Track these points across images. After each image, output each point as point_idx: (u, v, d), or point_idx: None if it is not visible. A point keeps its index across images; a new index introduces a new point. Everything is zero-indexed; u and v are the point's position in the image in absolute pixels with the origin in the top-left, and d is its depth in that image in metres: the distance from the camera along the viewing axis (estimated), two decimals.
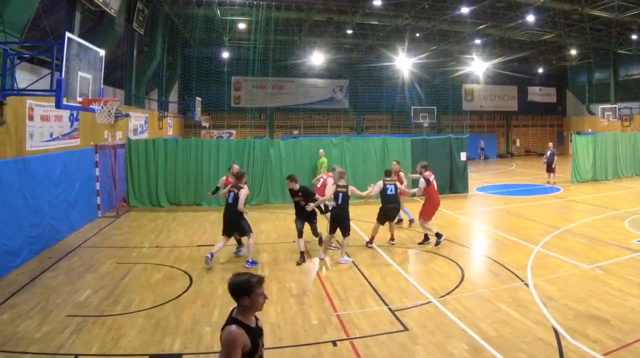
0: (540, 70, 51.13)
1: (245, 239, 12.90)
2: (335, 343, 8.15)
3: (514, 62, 46.11)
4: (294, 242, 14.84)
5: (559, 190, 25.74)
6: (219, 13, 32.08)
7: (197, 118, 36.24)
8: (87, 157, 17.71)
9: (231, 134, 44.26)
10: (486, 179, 31.75)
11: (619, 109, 41.34)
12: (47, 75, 12.32)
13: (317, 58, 41.54)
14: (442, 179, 23.76)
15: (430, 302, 9.92)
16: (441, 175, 23.76)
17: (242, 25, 36.88)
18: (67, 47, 10.57)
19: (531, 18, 32.16)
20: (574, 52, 43.93)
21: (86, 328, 8.63)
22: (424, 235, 14.72)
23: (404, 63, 39.91)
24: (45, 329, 8.54)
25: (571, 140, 29.44)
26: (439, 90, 48.30)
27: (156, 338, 8.30)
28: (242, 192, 12.52)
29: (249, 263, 12.46)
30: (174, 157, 21.27)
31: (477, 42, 38.84)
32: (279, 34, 37.14)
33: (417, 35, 39.48)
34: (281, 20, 34.58)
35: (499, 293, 10.33)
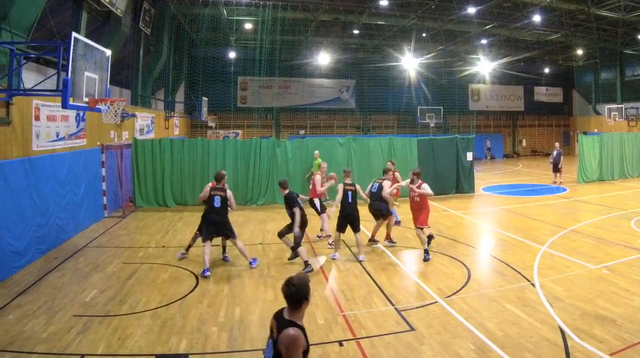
0: (546, 70, 51.10)
1: (233, 241, 12.67)
2: (341, 343, 8.16)
3: (520, 62, 45.97)
4: None
5: (565, 190, 25.65)
6: (226, 13, 32.09)
7: (203, 118, 36.23)
8: (93, 157, 17.73)
9: (237, 134, 44.26)
10: (492, 179, 31.68)
11: (626, 109, 41.11)
12: (53, 75, 12.31)
13: (324, 58, 41.50)
14: (448, 179, 23.88)
15: (436, 301, 9.90)
16: (447, 175, 23.93)
17: (248, 25, 36.88)
18: (73, 47, 10.56)
19: (537, 18, 32.07)
20: (580, 52, 43.78)
21: (92, 328, 8.65)
22: (428, 238, 13.65)
23: (410, 63, 39.79)
24: (51, 329, 8.56)
25: (577, 140, 29.39)
26: (445, 90, 48.29)
27: (162, 338, 8.31)
28: (231, 194, 12.61)
29: (253, 262, 12.49)
30: (180, 157, 21.29)
31: (484, 42, 38.72)
32: (286, 34, 37.13)
33: (424, 35, 39.41)
34: (287, 20, 34.57)
35: (506, 293, 10.32)
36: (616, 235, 15.13)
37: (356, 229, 13.19)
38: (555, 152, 27.82)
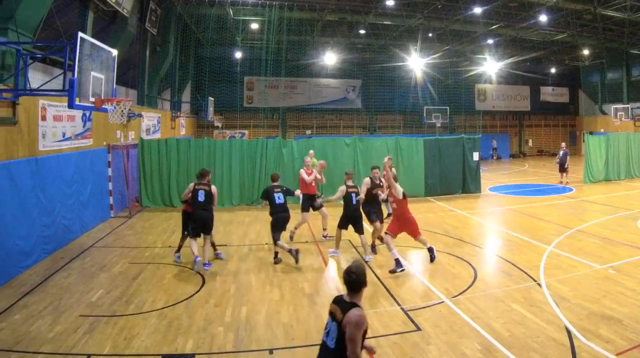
0: (552, 70, 50.92)
1: (207, 238, 12.67)
2: None
3: (526, 62, 45.80)
4: (306, 242, 14.95)
5: (571, 190, 25.55)
6: (232, 13, 32.11)
7: (209, 118, 36.28)
8: (99, 157, 17.76)
9: (244, 134, 44.33)
10: (499, 179, 31.59)
11: (632, 109, 40.89)
12: (59, 75, 12.35)
13: (330, 58, 41.45)
14: (454, 179, 23.83)
15: (443, 302, 9.87)
16: (454, 175, 23.88)
17: (254, 25, 36.90)
18: (79, 47, 10.58)
19: (543, 18, 32.02)
20: (586, 52, 43.59)
21: (99, 328, 8.65)
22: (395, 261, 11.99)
23: (416, 63, 39.70)
24: (57, 329, 8.56)
25: (584, 140, 29.26)
26: (451, 90, 48.19)
27: (169, 338, 8.31)
28: (215, 188, 12.64)
29: (207, 265, 12.38)
30: (187, 157, 21.28)
31: (490, 42, 38.65)
32: (292, 34, 37.11)
33: (430, 35, 39.32)
34: (294, 21, 34.60)
35: (512, 293, 10.29)
36: (622, 235, 15.07)
37: (359, 231, 13.13)
38: (561, 152, 27.71)
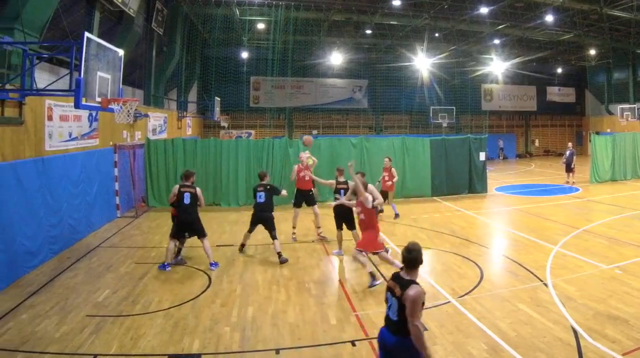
0: (559, 70, 50.91)
1: (201, 240, 12.68)
2: (354, 343, 8.12)
3: (532, 62, 45.74)
4: (313, 241, 15.00)
5: (578, 190, 25.49)
6: (238, 13, 32.12)
7: (216, 118, 36.33)
8: (106, 157, 17.79)
9: (250, 134, 44.39)
10: (505, 179, 31.52)
11: (638, 109, 40.64)
12: (66, 75, 12.34)
13: (336, 58, 41.51)
14: (461, 179, 23.79)
15: (449, 302, 9.84)
16: (460, 175, 23.84)
17: (261, 25, 36.89)
18: (86, 47, 10.58)
19: (550, 18, 31.96)
20: (592, 52, 43.47)
21: (105, 328, 8.65)
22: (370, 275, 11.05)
23: (423, 63, 39.67)
24: (64, 329, 8.57)
25: (590, 140, 29.17)
26: (458, 90, 48.15)
27: (175, 338, 8.30)
28: (200, 191, 12.68)
29: (213, 265, 12.40)
30: (193, 157, 21.29)
31: (496, 42, 38.61)
32: (298, 34, 37.05)
33: (436, 35, 39.28)
34: (300, 21, 34.52)
35: (518, 293, 10.26)
36: (629, 235, 15.02)
37: (351, 227, 13.17)
38: (568, 152, 27.68)
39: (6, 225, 11.04)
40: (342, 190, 13.46)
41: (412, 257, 5.82)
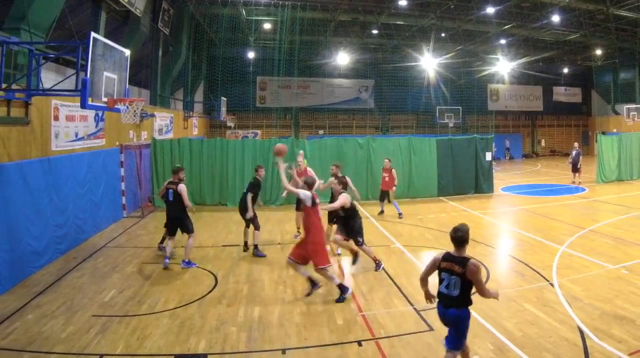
0: (565, 70, 50.77)
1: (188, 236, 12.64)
2: (360, 343, 8.11)
3: (539, 62, 45.74)
4: None
5: (584, 190, 25.40)
6: (245, 13, 32.17)
7: (222, 118, 36.35)
8: (112, 157, 17.79)
9: (256, 134, 44.38)
10: (511, 179, 31.41)
11: None
12: (72, 75, 12.36)
13: (343, 58, 41.53)
14: (467, 179, 23.74)
15: None
16: (466, 175, 23.78)
17: (267, 26, 36.95)
18: (92, 47, 10.57)
19: (556, 18, 31.96)
20: (599, 52, 43.40)
21: (111, 328, 8.63)
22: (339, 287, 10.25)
23: (429, 63, 39.68)
24: (70, 329, 8.56)
25: (596, 140, 29.04)
26: (464, 90, 48.12)
27: (181, 338, 8.28)
28: (182, 187, 12.49)
29: (184, 263, 12.39)
30: (199, 157, 21.31)
31: (503, 42, 38.59)
32: (305, 34, 37.12)
33: (443, 35, 39.30)
34: (306, 21, 34.59)
35: (524, 293, 10.24)
36: (635, 235, 14.94)
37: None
38: (574, 152, 27.58)
39: (13, 225, 11.04)
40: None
41: (458, 236, 6.52)
